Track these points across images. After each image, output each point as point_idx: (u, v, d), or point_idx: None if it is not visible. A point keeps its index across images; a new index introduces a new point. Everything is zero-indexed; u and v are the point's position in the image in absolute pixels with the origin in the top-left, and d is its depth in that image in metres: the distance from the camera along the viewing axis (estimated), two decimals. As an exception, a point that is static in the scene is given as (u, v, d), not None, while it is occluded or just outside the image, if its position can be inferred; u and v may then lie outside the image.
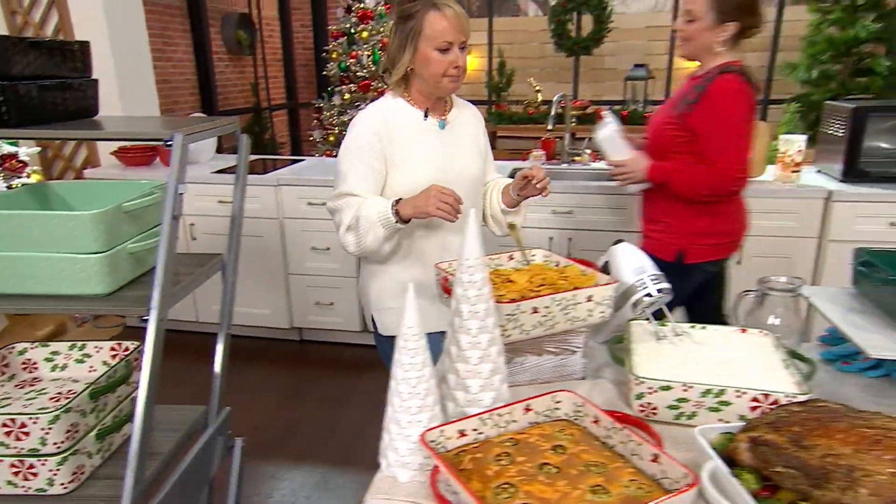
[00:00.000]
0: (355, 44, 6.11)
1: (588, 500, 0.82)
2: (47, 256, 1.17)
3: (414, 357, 0.93)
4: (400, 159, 1.65)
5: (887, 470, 0.74)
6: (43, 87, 1.32)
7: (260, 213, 3.46)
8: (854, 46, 5.04)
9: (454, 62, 1.56)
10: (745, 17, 1.93)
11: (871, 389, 1.24)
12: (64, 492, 1.13)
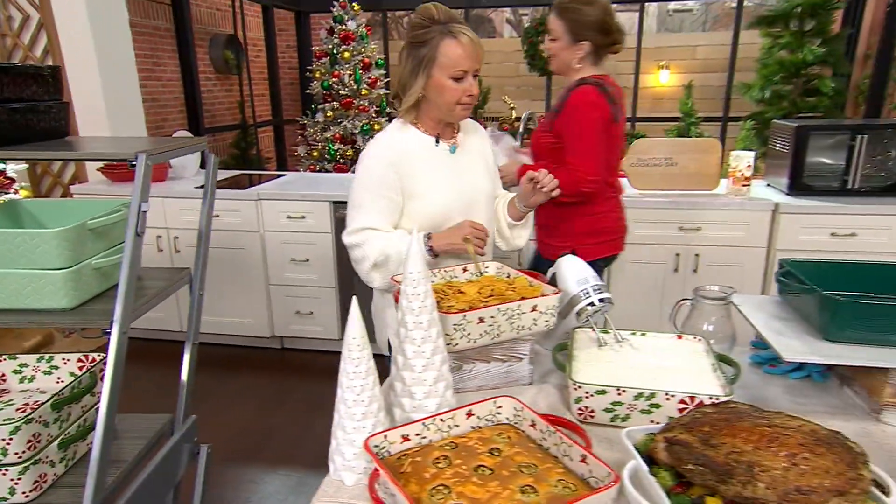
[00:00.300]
0: (337, 63, 6.12)
1: (517, 499, 0.82)
2: (13, 272, 1.16)
3: (358, 366, 0.94)
4: (416, 188, 1.57)
5: (781, 465, 0.75)
6: (13, 109, 1.31)
7: (241, 227, 3.45)
8: (802, 68, 5.15)
9: (468, 90, 1.50)
10: (598, 37, 2.02)
11: (794, 390, 1.28)
12: (26, 500, 1.11)
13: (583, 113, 1.97)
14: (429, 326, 1.01)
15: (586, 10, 2.00)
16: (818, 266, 1.32)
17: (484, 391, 1.25)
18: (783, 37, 5.24)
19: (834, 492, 0.73)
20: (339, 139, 6.19)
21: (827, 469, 0.74)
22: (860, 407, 1.19)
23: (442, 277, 1.40)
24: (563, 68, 2.09)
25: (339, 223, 3.41)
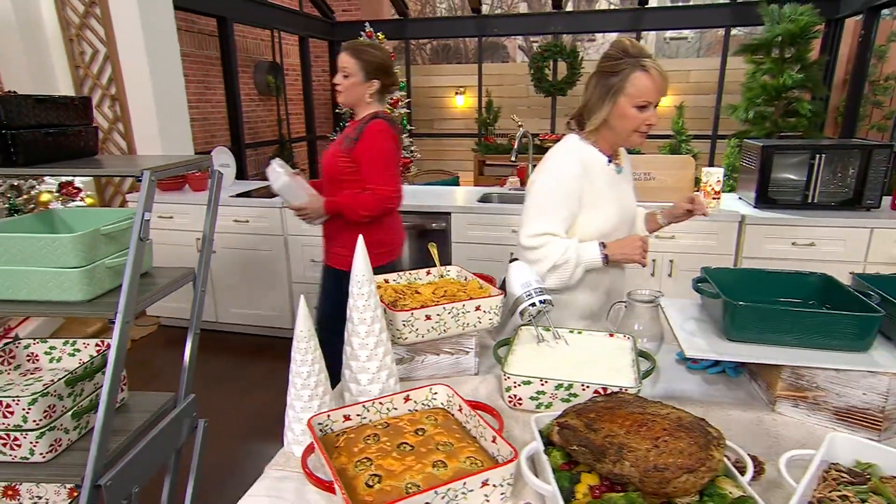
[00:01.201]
0: (363, 87, 6.20)
1: (427, 472, 0.86)
2: (38, 270, 1.24)
3: (305, 355, 0.99)
4: (592, 202, 1.55)
5: (645, 447, 0.78)
6: (47, 133, 1.40)
7: (268, 231, 3.54)
8: (783, 92, 5.06)
9: (647, 119, 1.47)
10: (385, 77, 2.14)
11: (708, 384, 1.29)
12: (43, 460, 1.19)
13: (380, 142, 2.06)
14: (372, 322, 1.05)
15: (376, 53, 2.12)
16: (733, 273, 1.33)
17: (434, 379, 1.29)
18: (765, 63, 5.16)
19: (684, 469, 0.76)
20: (365, 153, 6.26)
21: (681, 450, 0.77)
22: (761, 399, 1.20)
23: (407, 280, 1.45)
24: (353, 102, 2.17)
25: (352, 228, 3.49)
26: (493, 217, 3.37)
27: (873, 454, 0.89)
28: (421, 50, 10.30)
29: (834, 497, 0.81)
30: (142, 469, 1.26)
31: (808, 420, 1.14)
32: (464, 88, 8.08)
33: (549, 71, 7.02)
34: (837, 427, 1.11)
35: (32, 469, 1.19)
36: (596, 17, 7.11)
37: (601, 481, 0.81)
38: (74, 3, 3.92)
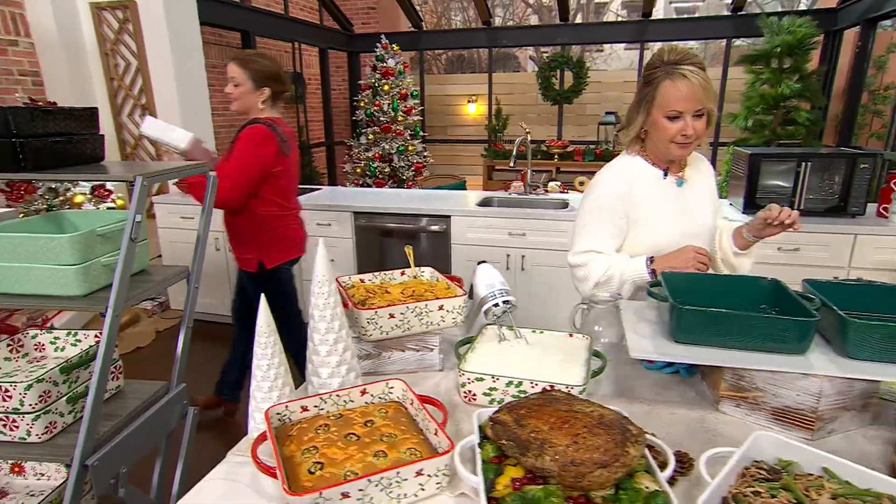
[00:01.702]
0: (379, 95, 6.27)
1: (367, 461, 0.88)
2: (39, 267, 1.29)
3: (265, 349, 1.01)
4: (641, 217, 1.49)
5: (565, 442, 0.78)
6: (54, 141, 1.45)
7: (280, 231, 3.59)
8: (781, 101, 4.98)
9: (682, 130, 1.37)
10: (275, 85, 2.20)
11: (661, 383, 1.28)
12: (39, 441, 1.23)
13: (248, 145, 2.08)
14: (331, 319, 1.07)
15: (265, 63, 2.15)
16: (688, 278, 1.32)
17: (401, 375, 1.30)
18: (764, 73, 5.08)
19: (599, 464, 0.76)
20: (379, 158, 6.32)
21: (598, 446, 0.77)
22: (708, 399, 1.19)
23: (381, 280, 1.46)
24: (245, 110, 2.19)
25: (358, 230, 3.52)
26: (491, 220, 3.37)
27: (794, 453, 0.88)
28: (437, 60, 10.32)
29: (747, 492, 0.81)
30: (130, 451, 1.30)
31: (747, 419, 1.12)
32: (476, 97, 8.08)
33: (556, 80, 6.99)
34: (774, 426, 1.10)
35: (29, 449, 1.24)
36: (602, 29, 7.06)
37: (525, 474, 0.82)
38: (110, 20, 4.03)
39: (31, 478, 1.49)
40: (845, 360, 1.06)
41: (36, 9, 3.86)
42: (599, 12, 11.03)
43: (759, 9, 9.62)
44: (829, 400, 1.05)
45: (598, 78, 7.77)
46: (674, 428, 1.10)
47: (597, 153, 6.63)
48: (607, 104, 7.45)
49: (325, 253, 1.08)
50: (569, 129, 7.71)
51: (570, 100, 6.99)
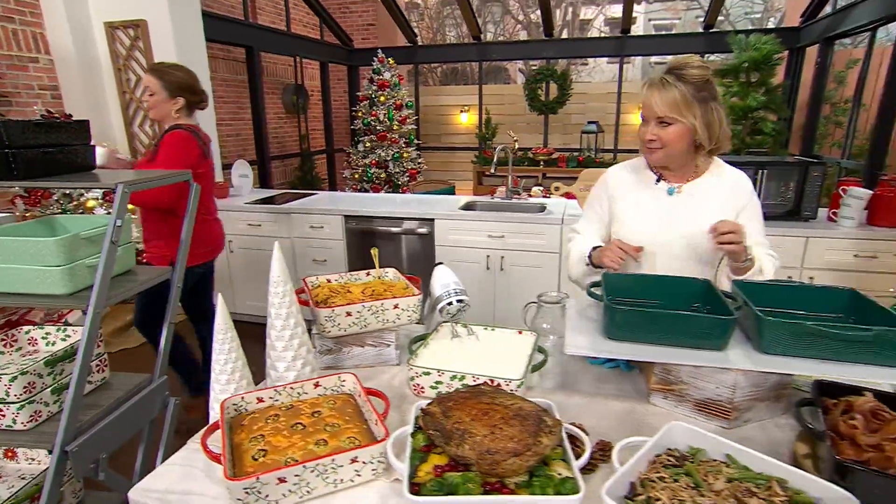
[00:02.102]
0: (375, 105, 6.27)
1: (308, 449, 0.89)
2: (27, 268, 1.30)
3: (223, 345, 1.03)
4: (621, 215, 1.49)
5: (483, 433, 0.80)
6: (45, 152, 1.46)
7: (276, 234, 3.60)
8: (749, 112, 4.98)
9: (645, 133, 1.36)
10: (190, 95, 2.17)
11: (602, 377, 1.29)
12: (24, 428, 1.24)
13: (171, 148, 2.07)
14: (287, 317, 1.08)
15: (178, 74, 2.15)
16: (629, 279, 1.33)
17: (360, 368, 1.31)
18: (733, 86, 5.08)
19: (512, 453, 0.77)
20: (375, 164, 6.33)
21: (512, 436, 0.79)
22: (643, 391, 1.20)
23: (346, 280, 1.47)
24: (162, 117, 2.20)
25: (349, 232, 3.53)
26: (471, 223, 3.38)
27: (703, 441, 0.90)
28: (433, 73, 10.33)
29: (653, 477, 0.82)
30: (110, 439, 1.31)
31: (674, 410, 1.14)
32: (468, 107, 8.09)
33: (541, 92, 6.99)
34: (697, 417, 1.11)
35: (15, 436, 1.25)
36: (584, 44, 7.06)
37: (448, 462, 0.83)
38: (122, 37, 4.04)
39: (23, 462, 1.50)
40: (759, 355, 1.07)
41: (55, 28, 3.88)
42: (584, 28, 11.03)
43: (731, 26, 9.64)
44: (744, 391, 1.06)
45: (582, 90, 7.77)
46: (605, 419, 1.11)
47: (579, 160, 6.64)
48: (591, 114, 7.44)
49: (280, 255, 1.09)
50: (556, 138, 7.71)
51: (554, 110, 6.99)
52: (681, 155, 1.38)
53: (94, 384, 1.43)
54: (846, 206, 2.74)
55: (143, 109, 2.22)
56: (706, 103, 1.32)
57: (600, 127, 6.79)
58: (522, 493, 0.77)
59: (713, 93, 1.34)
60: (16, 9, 3.70)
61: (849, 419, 0.87)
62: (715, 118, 1.34)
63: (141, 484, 0.92)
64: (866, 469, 0.75)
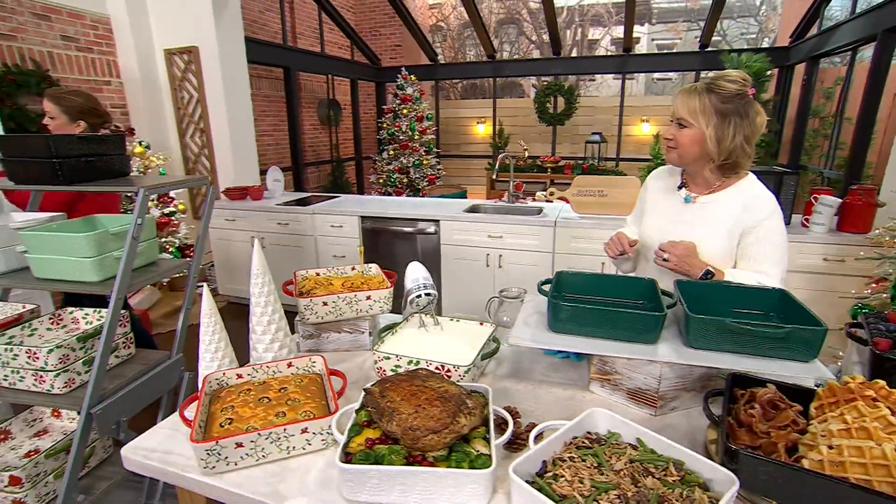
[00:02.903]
0: (399, 118, 6.32)
1: (268, 419, 0.92)
2: (65, 259, 1.37)
3: (207, 328, 1.07)
4: (646, 213, 1.48)
5: (409, 411, 0.81)
6: (88, 161, 1.53)
7: (302, 232, 3.67)
8: (739, 123, 4.81)
9: (664, 133, 1.34)
10: (90, 118, 2.04)
11: (552, 367, 1.27)
12: (60, 393, 1.32)
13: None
14: (265, 305, 1.12)
15: (76, 99, 2.01)
16: (582, 277, 1.31)
17: (338, 352, 1.34)
18: (725, 100, 4.92)
19: (431, 430, 0.79)
20: (398, 170, 6.38)
21: (432, 416, 0.80)
22: (586, 380, 1.20)
23: (332, 273, 1.50)
24: None
25: (364, 231, 3.58)
26: (474, 225, 3.37)
27: (619, 426, 0.89)
28: (454, 88, 10.32)
29: (564, 457, 0.82)
30: (130, 405, 1.38)
31: (610, 398, 1.13)
32: (484, 119, 8.06)
33: (550, 105, 6.91)
34: (629, 404, 1.10)
35: (54, 398, 1.33)
36: (589, 62, 6.93)
37: (380, 436, 0.85)
38: (178, 62, 4.19)
39: (66, 420, 1.59)
40: (686, 349, 1.05)
41: (124, 55, 4.07)
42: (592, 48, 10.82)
43: (728, 45, 9.30)
44: (670, 382, 1.05)
45: (590, 103, 7.65)
46: (546, 404, 1.11)
47: (584, 167, 6.54)
48: (597, 125, 7.33)
49: (259, 250, 1.12)
50: (565, 147, 7.62)
51: (562, 122, 6.90)
52: (693, 161, 1.31)
53: (122, 358, 1.51)
54: (817, 213, 2.63)
55: (49, 131, 2.06)
56: (727, 116, 1.24)
57: (603, 137, 6.67)
58: (441, 465, 0.79)
59: (741, 110, 1.24)
60: (95, 41, 3.90)
61: (749, 408, 0.85)
62: (729, 133, 1.24)
63: (133, 442, 0.97)
64: (748, 453, 0.73)
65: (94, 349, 1.41)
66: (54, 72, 3.62)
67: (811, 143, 5.32)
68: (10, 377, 1.36)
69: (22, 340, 1.46)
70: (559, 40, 6.35)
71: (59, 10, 3.66)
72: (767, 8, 9.88)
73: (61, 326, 1.58)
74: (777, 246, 1.29)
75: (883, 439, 0.67)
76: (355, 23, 7.72)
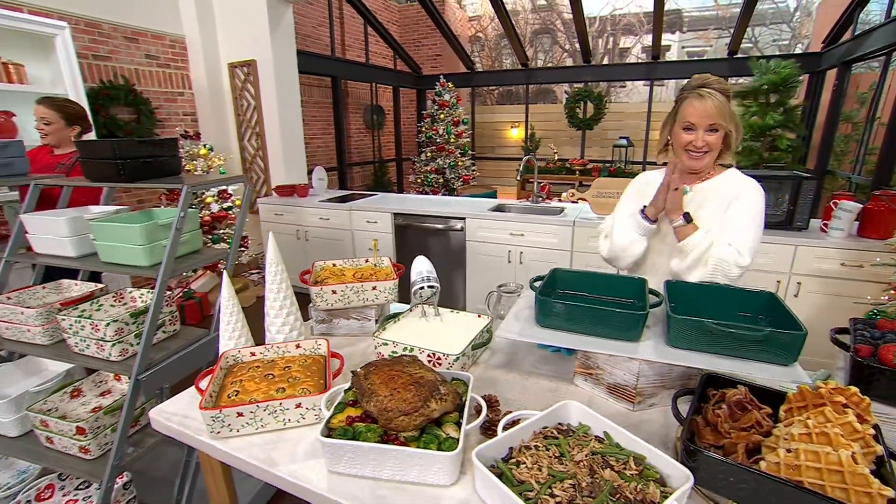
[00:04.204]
0: (436, 122, 6.32)
1: (269, 393, 0.95)
2: (122, 246, 1.47)
3: (227, 309, 1.11)
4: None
5: (385, 394, 0.82)
6: (145, 161, 1.63)
7: (340, 226, 3.75)
8: (767, 130, 4.50)
9: (693, 141, 1.27)
10: (84, 123, 2.16)
11: (543, 359, 1.25)
12: (117, 360, 1.41)
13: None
14: (278, 291, 1.15)
15: (75, 107, 2.14)
16: (577, 274, 1.27)
17: (347, 337, 1.36)
18: (752, 106, 4.61)
19: (402, 412, 0.79)
20: (435, 171, 6.39)
21: (405, 399, 0.80)
22: (572, 374, 1.16)
23: (347, 265, 1.52)
24: (58, 143, 2.14)
25: (397, 227, 3.61)
26: (497, 223, 3.34)
27: (589, 419, 0.86)
28: (490, 94, 10.20)
29: (531, 445, 0.80)
30: (172, 374, 1.46)
31: (592, 391, 1.09)
32: (517, 123, 7.94)
33: (579, 110, 6.71)
34: (609, 398, 1.06)
35: (111, 365, 1.41)
36: (619, 69, 6.66)
37: (361, 414, 0.86)
38: (239, 74, 4.37)
39: (124, 384, 1.71)
40: (666, 348, 1.00)
41: (195, 69, 4.30)
42: (623, 55, 10.38)
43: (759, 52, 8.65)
44: (648, 379, 1.00)
45: (620, 109, 7.37)
46: (530, 394, 1.09)
47: (611, 170, 6.32)
48: (626, 130, 7.06)
49: (273, 242, 1.16)
50: (594, 151, 7.39)
51: (591, 126, 6.70)
52: (714, 159, 1.32)
53: (168, 333, 1.60)
54: (836, 217, 2.42)
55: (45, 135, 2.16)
56: (732, 111, 1.27)
57: (631, 141, 6.42)
58: (412, 445, 0.79)
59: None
60: (172, 58, 4.14)
61: (717, 408, 0.80)
62: (738, 124, 1.29)
63: (160, 406, 1.03)
64: (705, 452, 0.69)
65: (143, 323, 1.50)
66: (139, 86, 3.87)
67: (842, 148, 4.90)
68: (79, 344, 1.47)
69: (91, 314, 1.57)
70: (589, 49, 6.14)
71: (144, 34, 3.90)
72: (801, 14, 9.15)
73: (122, 304, 1.69)
74: (748, 220, 1.27)
75: (842, 445, 0.62)
76: (399, 35, 7.77)
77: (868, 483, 0.56)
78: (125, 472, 1.63)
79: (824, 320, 2.44)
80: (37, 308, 1.52)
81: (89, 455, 1.42)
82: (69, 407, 1.57)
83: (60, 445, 1.45)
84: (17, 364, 1.75)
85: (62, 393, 1.58)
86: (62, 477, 1.68)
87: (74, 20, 3.42)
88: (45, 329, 1.52)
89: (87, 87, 3.45)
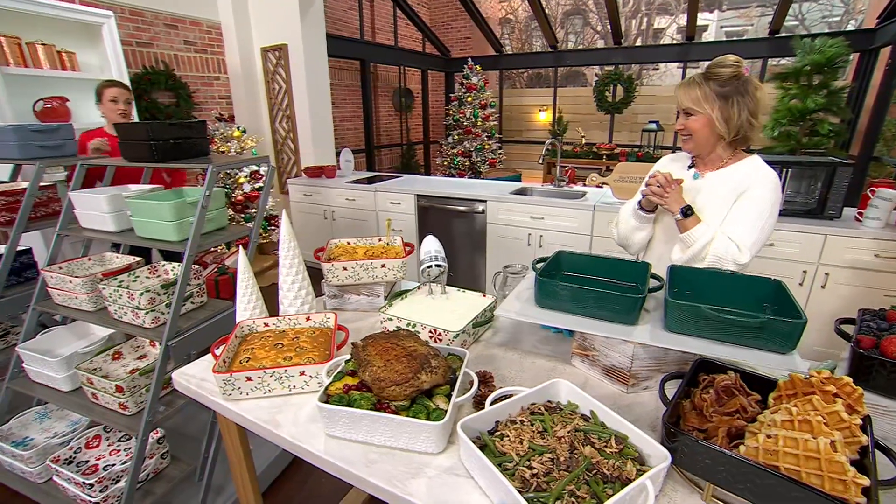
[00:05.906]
0: (464, 105, 6.24)
1: (277, 361, 1.00)
2: (154, 222, 1.55)
3: (242, 282, 1.16)
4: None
5: (379, 365, 0.84)
6: (175, 143, 1.70)
7: (366, 207, 3.80)
8: (808, 114, 4.21)
9: (676, 126, 1.31)
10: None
11: (545, 340, 1.24)
12: (150, 327, 1.51)
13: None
14: (290, 266, 1.19)
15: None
16: (583, 258, 1.25)
17: (357, 312, 1.40)
18: (793, 89, 4.31)
19: (393, 382, 0.81)
20: (461, 154, 6.35)
21: (397, 371, 0.83)
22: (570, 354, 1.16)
23: (360, 244, 1.55)
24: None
25: (419, 208, 3.63)
26: (517, 206, 3.31)
27: (578, 398, 0.87)
28: (519, 77, 9.94)
29: (516, 419, 0.82)
30: (199, 341, 1.55)
31: (588, 372, 1.09)
32: (546, 106, 7.73)
33: (608, 94, 6.46)
34: (605, 380, 1.05)
35: (145, 331, 1.52)
36: (650, 51, 6.34)
37: (358, 383, 0.89)
38: (271, 58, 4.44)
39: (158, 350, 1.82)
40: (662, 332, 0.99)
41: (230, 54, 4.39)
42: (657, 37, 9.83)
43: (806, 30, 7.98)
44: (642, 362, 0.99)
45: (651, 92, 7.05)
46: (527, 372, 1.09)
47: (639, 155, 6.09)
48: (657, 114, 6.76)
49: (287, 220, 1.20)
50: (623, 134, 7.13)
51: (619, 110, 6.45)
52: (707, 144, 1.29)
53: (196, 304, 1.68)
54: (873, 206, 2.27)
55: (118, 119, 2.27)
56: (728, 98, 1.21)
57: (660, 126, 6.15)
58: (402, 414, 0.82)
59: (741, 89, 1.20)
60: (208, 43, 4.24)
61: (705, 393, 0.79)
62: (735, 112, 1.21)
63: (181, 369, 1.10)
64: (683, 433, 0.68)
65: (173, 294, 1.59)
66: (178, 71, 4.00)
67: (893, 132, 4.53)
68: (118, 311, 1.57)
69: (128, 285, 1.68)
70: (620, 30, 5.86)
71: (183, 20, 4.01)
72: (858, -14, 8.37)
73: (156, 276, 1.80)
74: (754, 216, 1.22)
75: (822, 433, 0.60)
76: (429, 18, 7.65)
77: (844, 471, 0.55)
78: (158, 427, 1.75)
79: (851, 313, 2.31)
80: (83, 277, 1.63)
81: (127, 411, 1.54)
82: (111, 367, 1.69)
83: (104, 401, 1.57)
84: (69, 328, 1.89)
85: (105, 355, 1.70)
86: (107, 429, 1.82)
87: (119, 9, 3.55)
88: (90, 297, 1.63)
89: (131, 72, 3.59)
